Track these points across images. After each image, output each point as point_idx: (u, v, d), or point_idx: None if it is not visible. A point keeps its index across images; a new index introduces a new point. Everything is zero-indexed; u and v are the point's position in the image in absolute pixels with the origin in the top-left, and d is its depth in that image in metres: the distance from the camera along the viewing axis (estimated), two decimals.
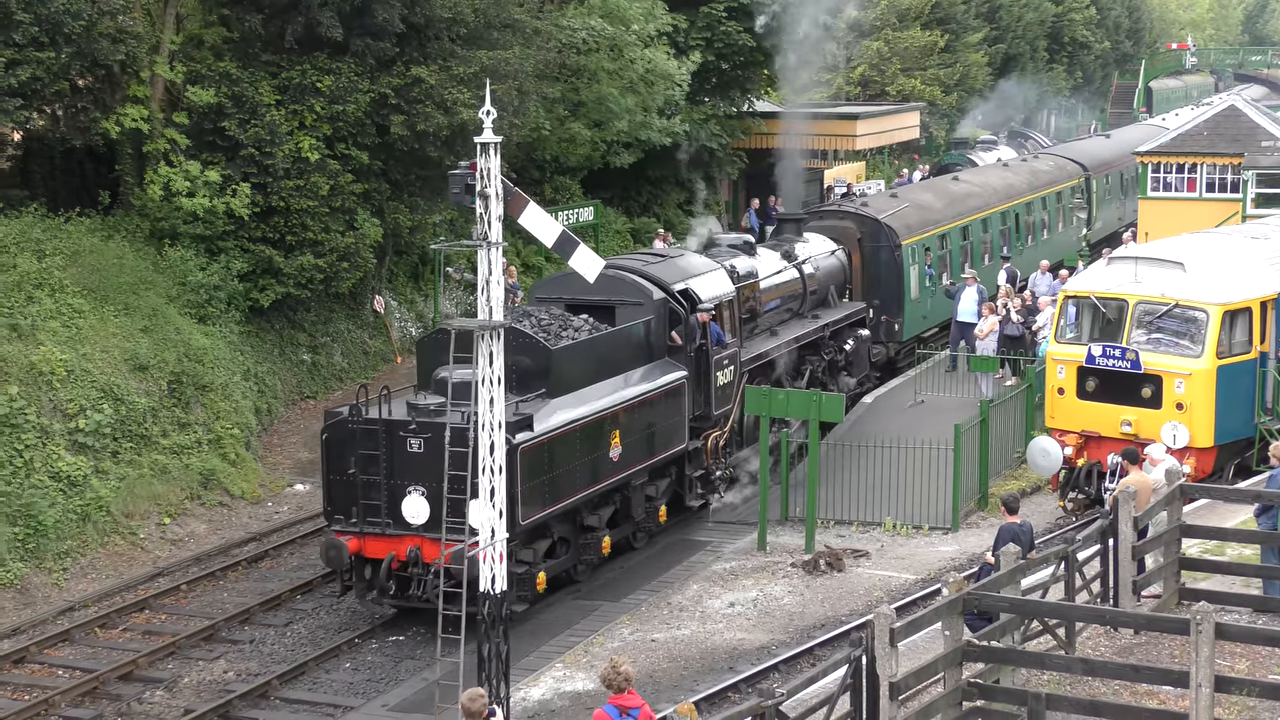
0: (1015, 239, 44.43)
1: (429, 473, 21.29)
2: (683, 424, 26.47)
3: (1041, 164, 51.49)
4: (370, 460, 22.06)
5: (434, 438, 21.12)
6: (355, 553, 22.21)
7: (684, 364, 26.49)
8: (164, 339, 29.62)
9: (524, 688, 21.12)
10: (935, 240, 39.08)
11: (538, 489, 22.32)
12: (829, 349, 32.89)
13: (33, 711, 20.81)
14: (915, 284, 37.27)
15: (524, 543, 22.22)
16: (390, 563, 21.90)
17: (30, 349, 27.23)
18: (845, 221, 36.57)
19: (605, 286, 24.71)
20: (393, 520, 22.00)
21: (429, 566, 21.40)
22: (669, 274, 27.31)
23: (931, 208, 40.33)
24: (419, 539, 21.82)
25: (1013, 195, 45.38)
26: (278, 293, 32.48)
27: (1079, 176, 51.37)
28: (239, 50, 32.99)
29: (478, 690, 15.44)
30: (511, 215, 18.53)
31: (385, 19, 32.68)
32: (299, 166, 32.16)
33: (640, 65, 42.25)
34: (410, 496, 21.82)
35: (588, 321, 25.51)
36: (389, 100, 33.22)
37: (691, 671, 21.90)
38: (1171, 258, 26.57)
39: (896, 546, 26.94)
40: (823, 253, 34.29)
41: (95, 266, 29.72)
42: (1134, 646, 17.09)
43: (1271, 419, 25.71)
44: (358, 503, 22.16)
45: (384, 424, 22.07)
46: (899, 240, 36.32)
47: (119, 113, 30.91)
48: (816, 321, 32.56)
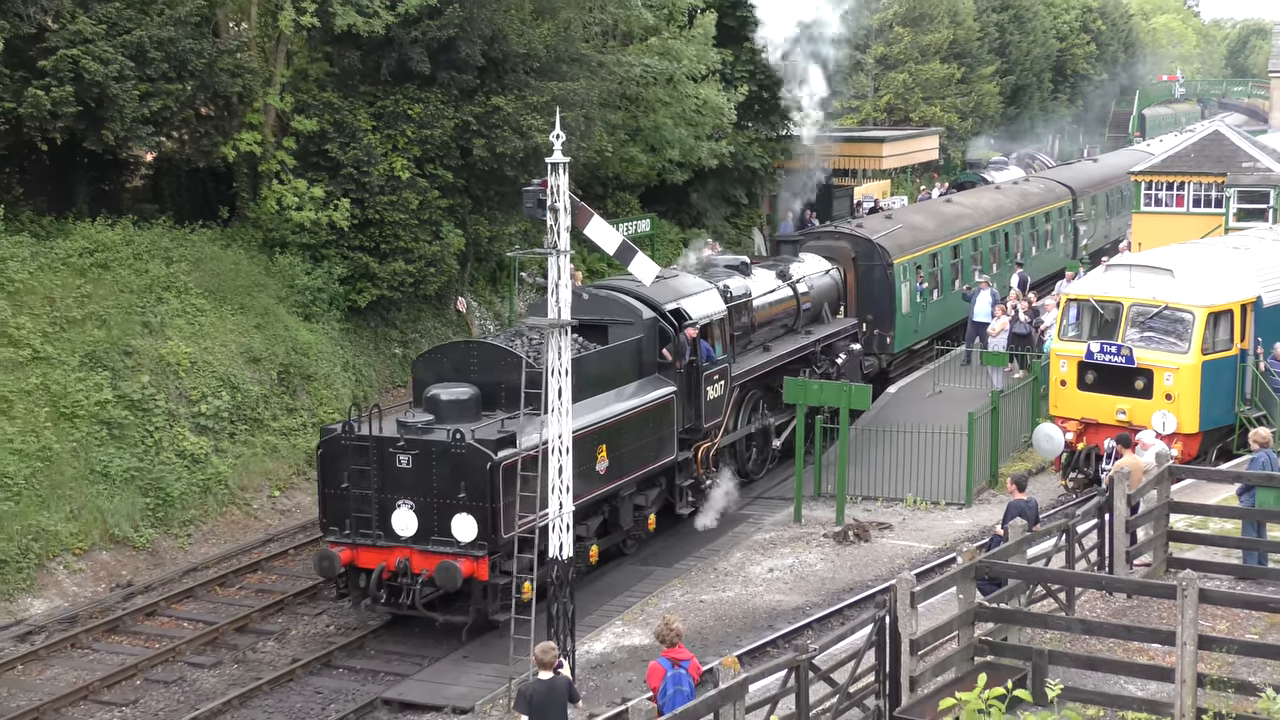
0: (1005, 256, 42.76)
1: (417, 487, 20.55)
2: (672, 436, 24.83)
3: (1032, 187, 50.13)
4: (361, 475, 20.83)
5: (421, 454, 20.48)
6: (349, 563, 21.00)
7: (674, 380, 24.88)
8: (274, 335, 29.84)
9: (587, 642, 21.21)
10: (926, 259, 37.37)
11: (522, 503, 20.53)
12: (821, 363, 31.02)
13: (162, 658, 21.14)
14: (906, 300, 35.63)
15: (509, 554, 20.56)
16: (380, 573, 20.66)
17: (159, 343, 27.50)
18: (841, 242, 35.09)
19: (598, 306, 24.15)
20: (383, 532, 20.77)
21: (417, 576, 20.44)
22: (661, 294, 25.60)
23: (924, 228, 38.70)
24: (408, 550, 20.63)
25: (1002, 216, 43.94)
26: (373, 294, 32.62)
27: (1067, 198, 50.05)
28: (340, 82, 33.18)
29: (549, 644, 15.55)
30: (578, 226, 18.60)
31: (468, 54, 32.80)
32: (392, 184, 32.29)
33: (692, 100, 42.30)
34: (399, 510, 20.59)
35: (577, 340, 23.13)
36: (471, 126, 33.32)
37: (735, 629, 21.95)
38: (1162, 265, 26.54)
39: (916, 520, 26.93)
40: (817, 271, 32.65)
41: (215, 271, 29.96)
42: (1127, 609, 17.03)
43: (1250, 408, 25.64)
44: (350, 515, 20.97)
45: (374, 440, 20.81)
46: (891, 259, 34.75)
47: (236, 137, 31.15)
48: (809, 337, 30.95)
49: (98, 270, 27.80)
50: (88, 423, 25.33)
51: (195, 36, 29.35)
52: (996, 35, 77.06)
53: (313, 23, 31.09)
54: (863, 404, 27.83)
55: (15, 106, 26.94)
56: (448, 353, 23.42)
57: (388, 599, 20.83)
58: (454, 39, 32.34)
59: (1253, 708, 12.71)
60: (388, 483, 20.67)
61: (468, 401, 21.44)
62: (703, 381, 25.38)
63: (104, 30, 27.89)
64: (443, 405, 21.23)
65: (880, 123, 66.64)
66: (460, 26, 32.27)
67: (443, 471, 20.33)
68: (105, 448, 25.46)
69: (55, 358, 25.80)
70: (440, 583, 20.02)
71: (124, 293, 27.79)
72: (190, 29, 29.27)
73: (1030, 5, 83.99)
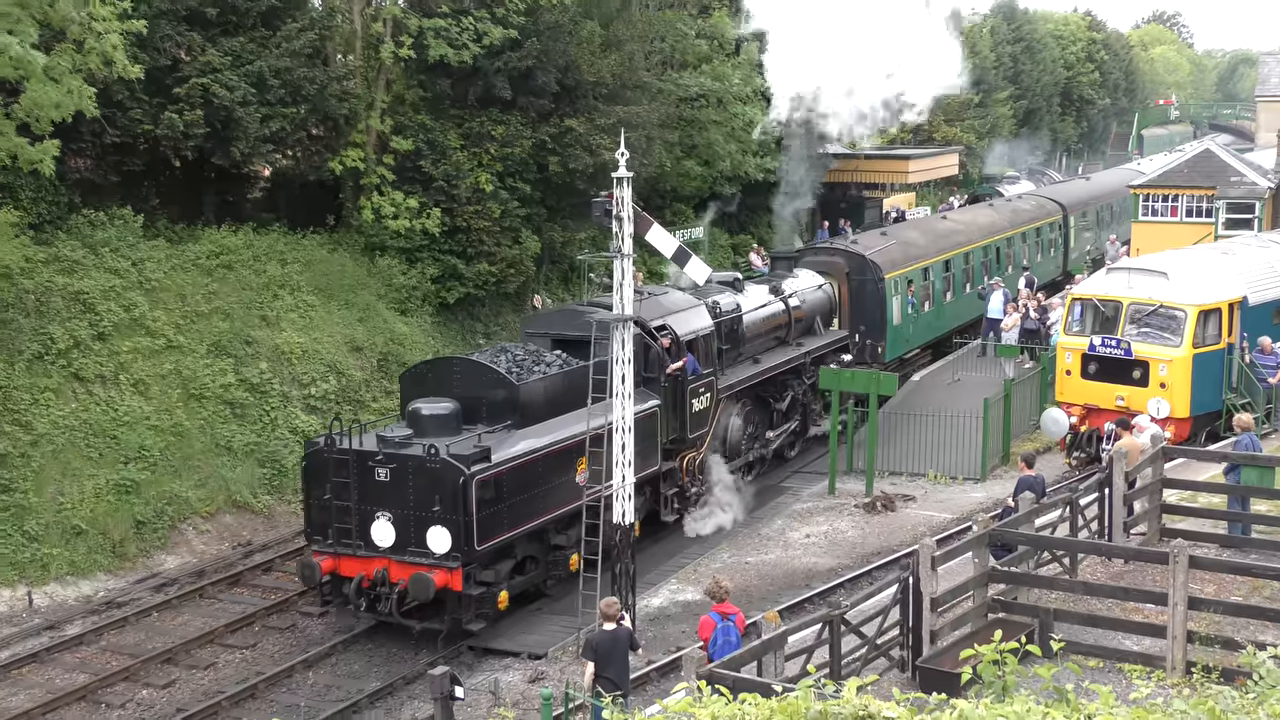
0: (996, 269, 39.94)
1: (394, 500, 18.84)
2: (655, 447, 22.60)
3: (1024, 204, 47.09)
4: (343, 487, 19.09)
5: (399, 468, 18.79)
6: (331, 571, 19.33)
7: (658, 393, 22.68)
8: (374, 327, 30.05)
9: (646, 597, 21.25)
10: (918, 273, 34.68)
11: (497, 515, 19.04)
12: (811, 373, 28.68)
13: (277, 608, 21.30)
14: (898, 312, 32.96)
15: (485, 564, 19.14)
16: (360, 582, 19.02)
17: (275, 334, 27.76)
18: (836, 257, 32.64)
19: (585, 323, 21.72)
20: (363, 542, 19.04)
21: (394, 585, 18.76)
22: (647, 311, 23.04)
23: (916, 244, 36.00)
24: (386, 560, 18.92)
25: (994, 231, 41.07)
26: (460, 292, 32.79)
27: (1057, 214, 47.08)
28: (432, 106, 33.34)
29: (613, 599, 15.60)
30: (639, 233, 18.61)
31: (544, 82, 32.91)
32: (477, 195, 32.43)
33: (740, 118, 42.29)
34: (378, 521, 18.89)
35: (560, 356, 21.94)
36: (547, 145, 33.41)
37: (776, 587, 21.93)
38: (1157, 268, 26.29)
39: (937, 492, 26.81)
40: (810, 286, 30.33)
41: (323, 272, 30.20)
42: (1124, 573, 16.88)
43: (1236, 396, 25.36)
44: (332, 525, 19.24)
45: (355, 454, 19.05)
46: (882, 274, 32.08)
47: (343, 155, 31.38)
48: (800, 349, 28.57)
49: (222, 271, 28.09)
50: (214, 403, 25.63)
51: (308, 66, 29.63)
52: (1010, 64, 76.61)
53: (409, 54, 31.30)
54: (890, 390, 27.79)
55: (153, 128, 27.27)
56: (433, 368, 21.50)
57: (367, 607, 19.20)
58: (532, 69, 32.45)
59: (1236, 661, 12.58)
60: (367, 495, 19.02)
61: (448, 416, 19.71)
62: (688, 394, 23.39)
63: (230, 61, 28.19)
64: (423, 420, 19.55)
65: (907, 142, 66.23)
66: (538, 58, 32.38)
67: (419, 485, 18.65)
68: (228, 425, 25.76)
69: (186, 346, 26.11)
70: (413, 594, 18.46)
71: (245, 290, 28.07)
72: (304, 60, 29.55)
73: (1041, 38, 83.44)
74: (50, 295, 24.51)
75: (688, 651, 12.95)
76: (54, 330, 24.13)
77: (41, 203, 25.86)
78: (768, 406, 27.79)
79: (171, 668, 19.16)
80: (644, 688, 17.40)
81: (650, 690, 17.42)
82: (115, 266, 26.06)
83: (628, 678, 15.09)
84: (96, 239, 26.31)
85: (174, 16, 27.49)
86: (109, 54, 22.36)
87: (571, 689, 15.58)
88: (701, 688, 6.05)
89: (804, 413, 28.99)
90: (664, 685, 17.49)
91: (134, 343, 25.25)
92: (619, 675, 14.62)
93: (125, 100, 26.43)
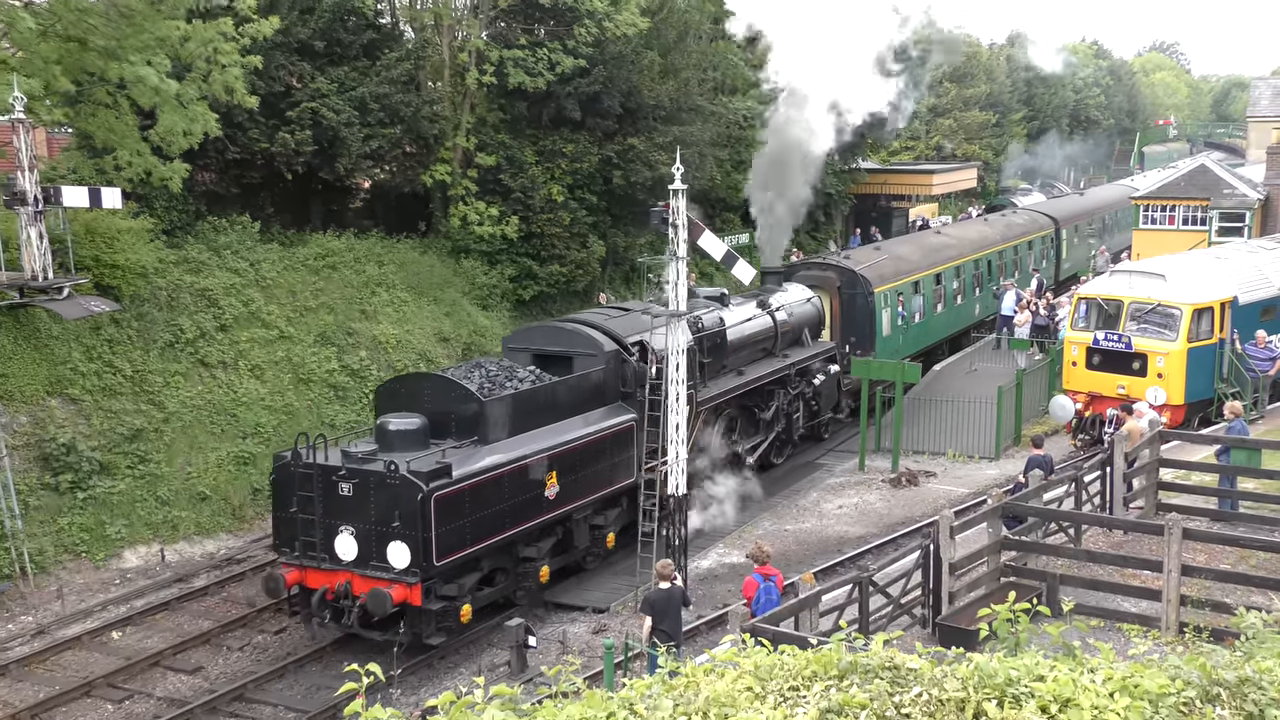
0: (988, 281, 37.78)
1: (357, 514, 16.91)
2: (632, 460, 20.54)
3: (1018, 218, 44.38)
4: (307, 500, 17.17)
5: (361, 483, 16.88)
6: (297, 583, 17.46)
7: (634, 407, 20.57)
8: (459, 320, 30.21)
9: (696, 560, 21.25)
10: (909, 286, 32.38)
11: (458, 530, 17.08)
12: (796, 383, 26.83)
13: None
14: (887, 323, 30.90)
15: (448, 578, 17.26)
16: (324, 594, 17.13)
17: (373, 326, 27.98)
18: (828, 272, 30.42)
19: (563, 339, 20.69)
20: (328, 555, 17.14)
21: (356, 598, 16.90)
22: (625, 328, 21.47)
23: (908, 259, 33.65)
24: (349, 574, 17.00)
25: (986, 245, 38.59)
26: (535, 290, 32.90)
27: (1050, 228, 44.50)
28: (511, 127, 33.46)
29: (667, 560, 15.61)
30: (692, 238, 18.58)
31: (609, 105, 32.90)
32: (550, 205, 32.52)
33: None
34: (341, 535, 16.98)
35: (533, 372, 19.94)
36: (611, 160, 33.42)
37: (811, 552, 21.85)
38: (1156, 271, 25.94)
39: (955, 469, 26.60)
40: (798, 300, 27.94)
41: (415, 272, 30.38)
42: (1123, 543, 16.67)
43: (1227, 385, 24.96)
44: (299, 538, 17.33)
45: (319, 469, 17.10)
46: (872, 288, 30.09)
47: (432, 169, 31.57)
48: (785, 360, 26.31)
49: (327, 270, 28.34)
50: (319, 386, 25.87)
51: (403, 92, 29.83)
52: (1024, 89, 75.82)
53: (491, 81, 31.41)
54: (914, 378, 27.62)
55: (269, 146, 27.58)
56: (405, 383, 19.45)
57: (331, 618, 17.31)
58: (599, 93, 32.46)
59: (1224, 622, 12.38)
60: (331, 509, 17.10)
61: (415, 432, 17.75)
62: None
63: (336, 88, 28.45)
64: (390, 435, 17.63)
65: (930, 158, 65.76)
66: (604, 84, 32.38)
67: (379, 500, 16.77)
68: (332, 405, 25.99)
69: (296, 336, 26.37)
70: (371, 608, 16.56)
71: (347, 288, 28.30)
72: (400, 86, 29.76)
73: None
74: (180, 292, 24.84)
75: (733, 608, 12.93)
76: (183, 322, 24.46)
77: (173, 211, 26.24)
78: (754, 416, 25.80)
79: (282, 617, 19.38)
80: (694, 639, 17.40)
81: (700, 641, 17.41)
82: (235, 267, 26.36)
83: (680, 630, 15.12)
84: (219, 243, 26.63)
85: (287, 49, 27.77)
86: (230, 84, 22.66)
87: (630, 640, 15.61)
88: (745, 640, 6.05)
89: (789, 422, 26.91)
90: (712, 637, 17.48)
91: (251, 333, 25.54)
92: (673, 628, 14.65)
93: (245, 122, 26.74)
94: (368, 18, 30.19)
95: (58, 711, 16.21)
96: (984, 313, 37.39)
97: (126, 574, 20.80)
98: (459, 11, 32.98)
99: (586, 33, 31.74)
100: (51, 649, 18.08)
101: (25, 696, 16.63)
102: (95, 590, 20.16)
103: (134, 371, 23.09)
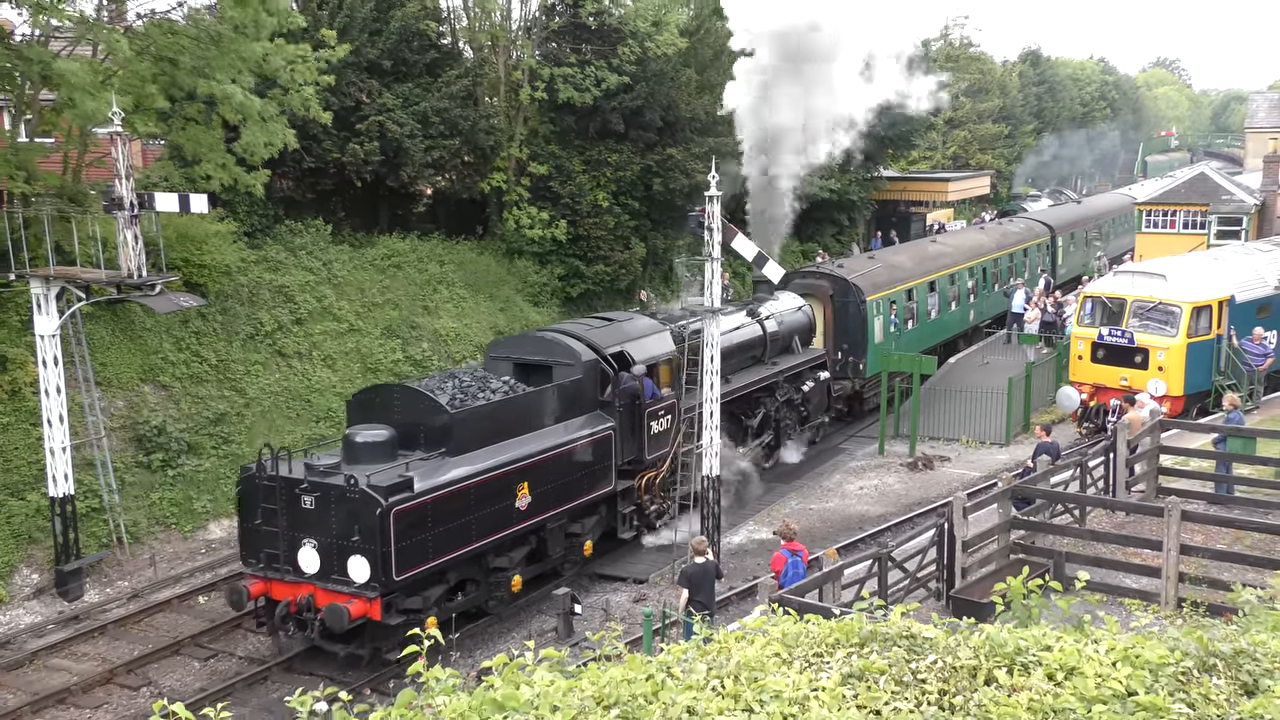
0: (983, 289, 35.96)
1: (319, 527, 15.46)
2: (610, 469, 19.08)
3: (1013, 226, 42.15)
4: (271, 513, 15.80)
5: (322, 496, 15.39)
6: (261, 595, 16.04)
7: (614, 416, 19.17)
8: (513, 316, 30.30)
9: (728, 536, 21.22)
10: (902, 294, 30.52)
11: (420, 544, 15.57)
12: (785, 390, 25.23)
13: None
14: (880, 331, 29.08)
15: (411, 591, 15.73)
16: (287, 606, 15.75)
17: (434, 320, 28.12)
18: (821, 281, 28.76)
19: (543, 348, 19.23)
20: (291, 568, 15.74)
21: (319, 611, 15.47)
22: (605, 338, 20.02)
23: (902, 267, 31.79)
24: (312, 587, 15.59)
25: (980, 253, 36.47)
26: (581, 288, 32.95)
27: (1045, 236, 42.22)
28: (560, 138, 33.50)
29: (702, 537, 15.62)
30: (726, 241, 18.55)
31: (650, 119, 32.87)
32: (595, 210, 32.55)
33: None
34: (304, 548, 15.56)
35: (506, 382, 18.28)
36: (652, 169, 33.40)
37: (834, 529, 21.79)
38: (1157, 271, 25.64)
39: (968, 454, 26.40)
40: (789, 308, 26.43)
41: (473, 271, 30.51)
42: (1125, 524, 16.50)
43: (1223, 378, 24.64)
44: (263, 550, 15.97)
45: (282, 481, 15.69)
46: (864, 296, 28.36)
47: (489, 177, 31.69)
48: (774, 368, 24.87)
49: (393, 270, 28.51)
50: (386, 375, 26.00)
51: (462, 107, 29.93)
52: (1035, 102, 75.02)
53: (542, 97, 31.47)
54: (930, 370, 27.44)
55: (340, 156, 27.78)
56: (376, 394, 17.48)
57: (294, 630, 15.88)
58: (641, 108, 32.44)
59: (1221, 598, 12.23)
60: (295, 521, 15.68)
61: (382, 443, 16.19)
62: (645, 417, 19.84)
63: (400, 103, 28.58)
64: (357, 447, 16.13)
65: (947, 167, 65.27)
66: (645, 99, 32.36)
67: (340, 514, 15.33)
68: None
69: (364, 329, 26.55)
70: (329, 624, 15.20)
71: (410, 285, 28.46)
72: (459, 101, 29.86)
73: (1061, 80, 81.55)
74: (260, 288, 25.08)
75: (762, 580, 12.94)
76: (262, 316, 24.69)
77: (254, 215, 26.48)
78: (741, 423, 24.24)
79: None
80: (726, 608, 17.39)
81: (731, 611, 17.40)
82: (310, 265, 26.58)
83: (714, 601, 15.11)
84: (295, 244, 26.85)
85: (357, 67, 27.94)
86: (307, 101, 22.87)
87: (668, 608, 15.63)
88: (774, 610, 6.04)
89: (776, 428, 25.31)
90: (743, 607, 17.47)
91: (324, 326, 25.73)
92: (707, 599, 14.65)
93: (319, 134, 26.95)
94: (431, 39, 30.30)
95: (150, 667, 16.46)
96: (979, 318, 35.95)
97: (211, 544, 21.06)
98: (514, 33, 33.06)
99: (630, 52, 31.71)
100: (145, 611, 18.35)
101: (122, 653, 16.90)
102: (183, 559, 20.43)
103: (218, 361, 23.34)
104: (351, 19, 27.91)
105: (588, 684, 4.84)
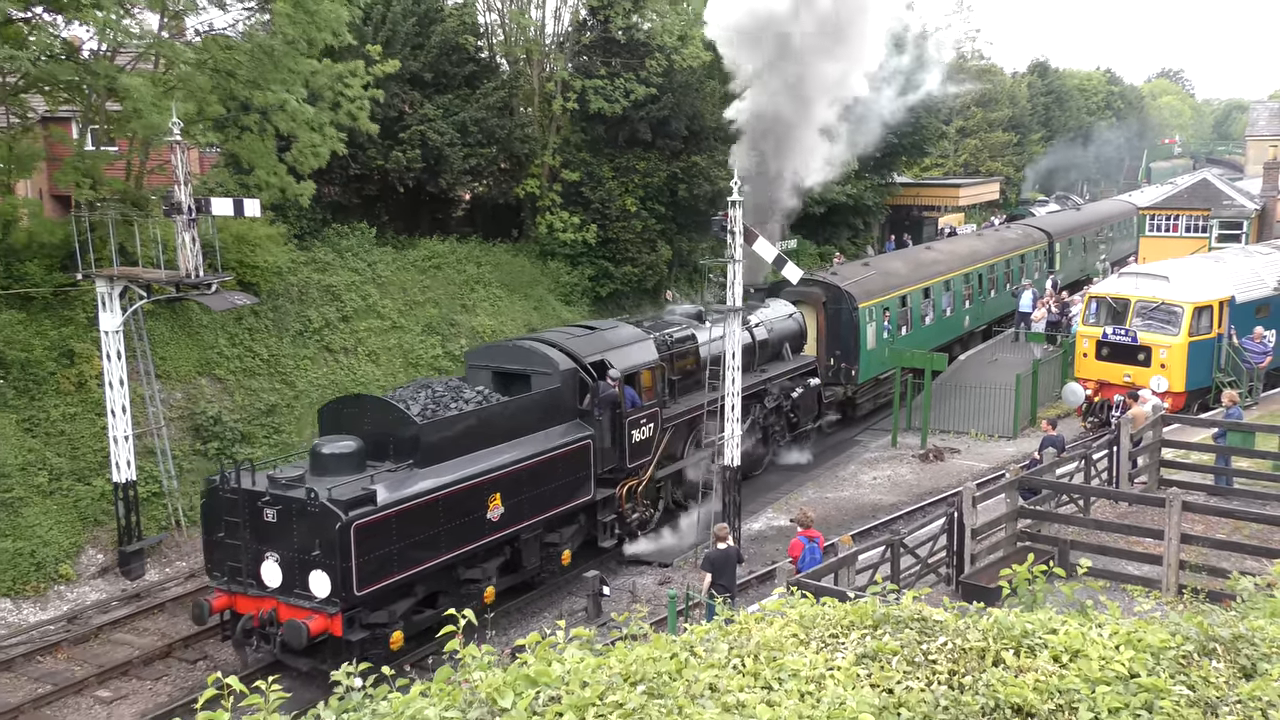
0: (979, 295, 34.48)
1: (281, 541, 14.45)
2: (589, 478, 17.96)
3: (1010, 233, 40.53)
4: (234, 526, 14.77)
5: (284, 509, 14.38)
6: (225, 608, 15.08)
7: (593, 425, 18.11)
8: (546, 314, 30.34)
9: (749, 523, 21.21)
10: (895, 301, 29.05)
11: (384, 558, 14.52)
12: (773, 397, 24.04)
13: None
14: (872, 337, 27.71)
15: (375, 605, 14.71)
16: (250, 620, 14.75)
17: (472, 318, 28.20)
18: (813, 288, 27.03)
19: (521, 357, 18.13)
20: (255, 581, 14.72)
21: (281, 625, 14.50)
22: (585, 346, 18.88)
23: (896, 274, 30.32)
24: (275, 601, 14.61)
25: (976, 260, 34.97)
26: (611, 288, 32.96)
27: (1043, 242, 40.61)
28: (591, 146, 33.53)
29: (724, 524, 15.60)
30: (747, 243, 18.50)
31: (676, 128, 32.85)
32: (624, 215, 32.54)
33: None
34: (267, 562, 14.56)
35: (480, 392, 17.05)
36: (678, 175, 33.37)
37: (849, 517, 21.72)
38: (1160, 273, 25.37)
39: (977, 447, 26.24)
40: (780, 316, 25.44)
41: (508, 272, 30.57)
42: (1128, 514, 16.35)
43: (1224, 375, 24.36)
44: (227, 563, 14.96)
45: (245, 494, 14.67)
46: (856, 303, 27.02)
47: (524, 183, 31.75)
48: (762, 375, 23.73)
49: (433, 270, 28.61)
50: (426, 370, 26.12)
51: (499, 116, 30.01)
52: (1043, 112, 74.40)
53: (574, 107, 31.49)
54: (941, 367, 27.24)
55: (384, 163, 27.92)
56: (346, 405, 16.34)
57: (259, 644, 14.83)
58: (667, 117, 32.42)
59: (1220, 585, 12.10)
60: (257, 535, 14.67)
61: (349, 455, 15.14)
62: (626, 425, 18.73)
63: (441, 113, 28.70)
64: (323, 458, 15.05)
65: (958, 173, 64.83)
66: (672, 109, 32.34)
67: (301, 528, 14.30)
68: None
69: (406, 326, 26.66)
70: (288, 640, 14.20)
71: (449, 285, 28.55)
72: (496, 111, 29.93)
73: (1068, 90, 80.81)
74: (309, 288, 25.23)
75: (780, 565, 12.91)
76: (311, 314, 24.84)
77: (303, 220, 26.65)
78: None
79: None
80: (747, 591, 17.37)
81: (752, 593, 17.38)
82: (355, 266, 26.71)
83: (735, 584, 15.11)
84: (342, 246, 27.00)
85: (400, 79, 28.06)
86: (355, 113, 23.01)
87: (691, 591, 15.63)
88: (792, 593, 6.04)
89: (765, 434, 24.18)
90: (763, 590, 17.44)
91: (368, 323, 25.86)
92: (729, 582, 14.65)
93: (365, 143, 27.09)
94: (469, 53, 30.39)
95: (207, 642, 16.62)
96: (974, 324, 34.82)
97: None
98: (547, 47, 33.09)
99: (657, 65, 31.68)
100: (200, 591, 18.49)
101: (180, 629, 17.06)
102: None
103: (269, 355, 23.51)
104: (395, 34, 28.03)
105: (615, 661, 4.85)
